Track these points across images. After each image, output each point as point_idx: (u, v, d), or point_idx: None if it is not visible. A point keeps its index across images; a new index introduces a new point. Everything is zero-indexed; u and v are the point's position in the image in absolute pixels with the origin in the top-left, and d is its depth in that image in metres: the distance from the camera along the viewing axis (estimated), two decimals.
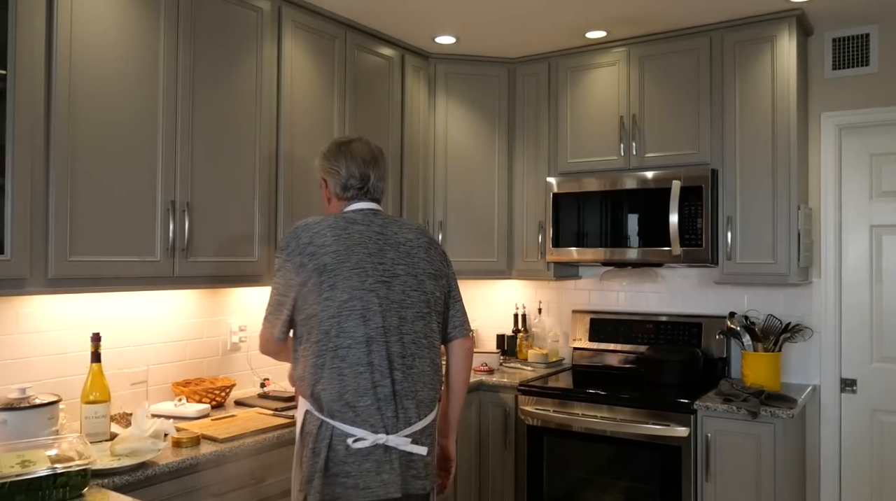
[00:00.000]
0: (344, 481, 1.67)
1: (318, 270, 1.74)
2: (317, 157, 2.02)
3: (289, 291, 1.78)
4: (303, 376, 1.77)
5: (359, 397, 1.70)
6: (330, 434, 1.68)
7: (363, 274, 1.76)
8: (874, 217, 3.04)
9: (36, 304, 2.21)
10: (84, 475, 1.62)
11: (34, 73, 1.92)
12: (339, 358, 1.71)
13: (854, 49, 3.06)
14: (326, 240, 1.79)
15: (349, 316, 1.73)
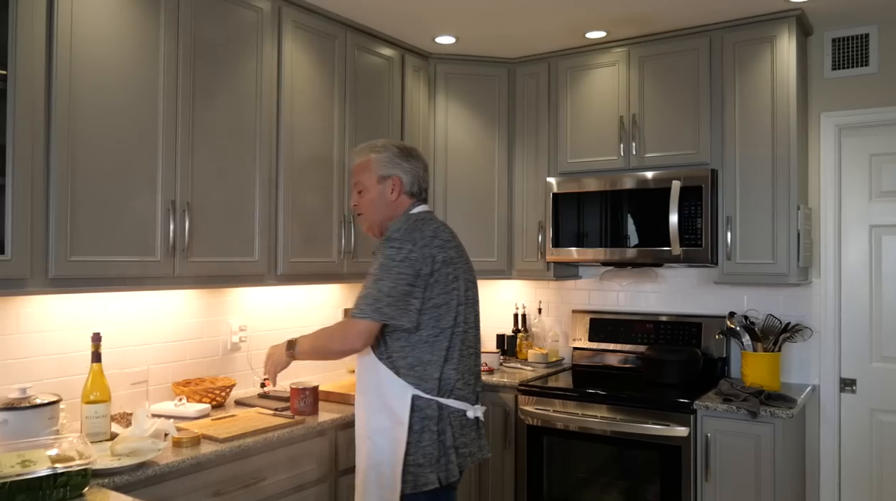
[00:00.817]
0: (463, 451, 1.96)
1: (445, 262, 1.94)
2: (381, 152, 2.06)
3: (417, 281, 1.90)
4: (424, 361, 1.92)
5: (470, 376, 2.02)
6: (448, 413, 1.92)
7: (466, 267, 2.05)
8: (874, 217, 3.05)
9: (36, 304, 2.21)
10: (84, 474, 1.63)
11: (34, 72, 1.92)
12: (462, 342, 1.98)
13: (854, 49, 3.06)
14: (447, 234, 2.01)
15: (467, 305, 2.01)
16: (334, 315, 3.31)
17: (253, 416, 2.40)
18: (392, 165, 2.06)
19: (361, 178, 2.08)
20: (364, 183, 2.07)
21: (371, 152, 2.08)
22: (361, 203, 2.09)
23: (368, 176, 2.07)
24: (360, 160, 2.10)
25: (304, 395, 2.46)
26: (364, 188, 2.07)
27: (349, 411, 2.54)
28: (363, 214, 2.10)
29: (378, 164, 2.06)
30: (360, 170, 2.10)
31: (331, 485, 2.44)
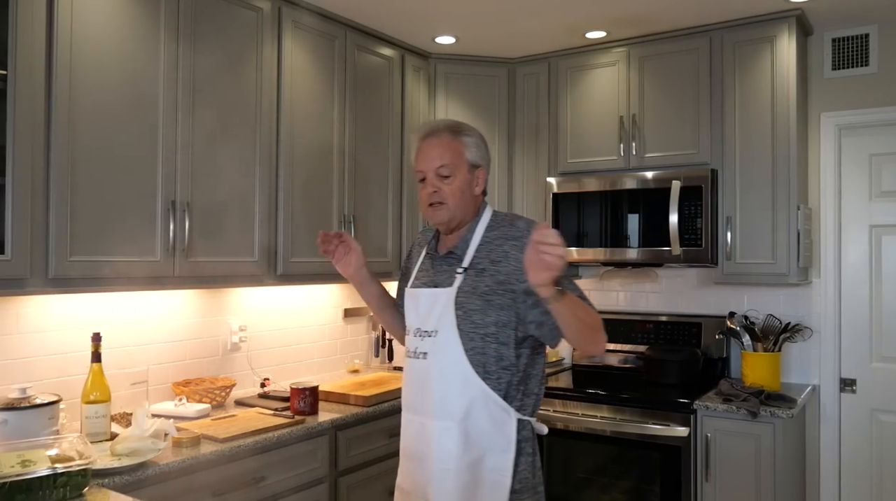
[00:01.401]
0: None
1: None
2: (471, 135, 1.79)
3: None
4: (541, 382, 1.76)
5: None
6: (536, 431, 1.77)
7: None
8: (874, 217, 3.05)
9: (36, 304, 2.21)
10: (84, 474, 1.63)
11: (34, 72, 1.92)
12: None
13: (854, 49, 3.06)
14: None
15: None
16: (334, 315, 3.31)
17: (253, 416, 2.40)
18: (482, 154, 1.80)
19: (452, 162, 1.73)
20: (454, 167, 1.73)
21: (461, 134, 1.76)
22: (447, 190, 1.72)
23: (460, 160, 1.74)
24: (446, 139, 1.74)
25: (303, 395, 2.46)
26: (453, 174, 1.72)
27: (349, 411, 2.54)
28: (446, 203, 1.72)
29: (470, 149, 1.76)
30: (447, 151, 1.73)
31: (330, 485, 2.44)
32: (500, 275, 1.66)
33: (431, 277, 1.78)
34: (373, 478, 2.60)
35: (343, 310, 3.34)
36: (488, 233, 1.73)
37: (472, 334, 1.66)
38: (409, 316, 1.79)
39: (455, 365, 1.65)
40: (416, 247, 1.97)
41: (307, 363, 3.16)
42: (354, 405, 2.62)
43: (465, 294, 1.67)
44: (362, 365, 3.39)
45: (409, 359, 1.77)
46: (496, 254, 1.69)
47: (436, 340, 1.69)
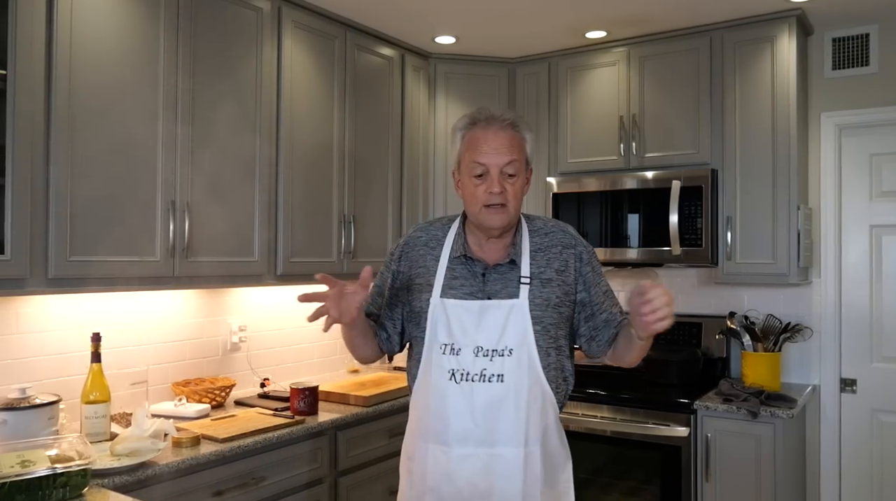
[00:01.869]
0: None
1: None
2: (532, 131, 1.64)
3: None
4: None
5: None
6: None
7: None
8: (874, 217, 3.04)
9: (36, 304, 2.21)
10: (84, 475, 1.63)
11: (34, 72, 1.92)
12: None
13: (854, 49, 3.06)
14: None
15: None
16: None
17: (253, 416, 2.40)
18: (534, 151, 1.64)
19: (518, 159, 1.55)
20: (519, 165, 1.56)
21: (522, 127, 1.59)
22: (511, 191, 1.54)
23: (523, 158, 1.58)
24: (510, 131, 1.56)
25: (303, 395, 2.46)
26: (518, 173, 1.55)
27: (349, 411, 2.54)
28: (508, 205, 1.54)
29: (530, 146, 1.61)
30: (514, 146, 1.55)
31: (330, 485, 2.44)
32: (566, 286, 1.60)
33: (479, 287, 1.57)
34: (373, 478, 2.60)
35: None
36: (534, 238, 1.63)
37: (549, 349, 1.57)
38: (446, 333, 1.55)
39: (535, 385, 1.54)
40: (419, 247, 1.67)
41: (307, 363, 3.16)
42: (354, 405, 2.62)
43: (538, 306, 1.55)
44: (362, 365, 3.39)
45: (468, 384, 1.52)
46: (559, 264, 1.60)
47: (513, 360, 1.52)
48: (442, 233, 1.67)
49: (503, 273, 1.58)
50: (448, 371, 1.55)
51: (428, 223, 1.74)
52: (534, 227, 1.66)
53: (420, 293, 1.62)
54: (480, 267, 1.59)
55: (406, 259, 1.68)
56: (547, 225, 1.68)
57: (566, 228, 1.69)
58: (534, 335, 1.54)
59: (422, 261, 1.65)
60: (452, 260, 1.61)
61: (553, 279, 1.58)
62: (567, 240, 1.65)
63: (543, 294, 1.56)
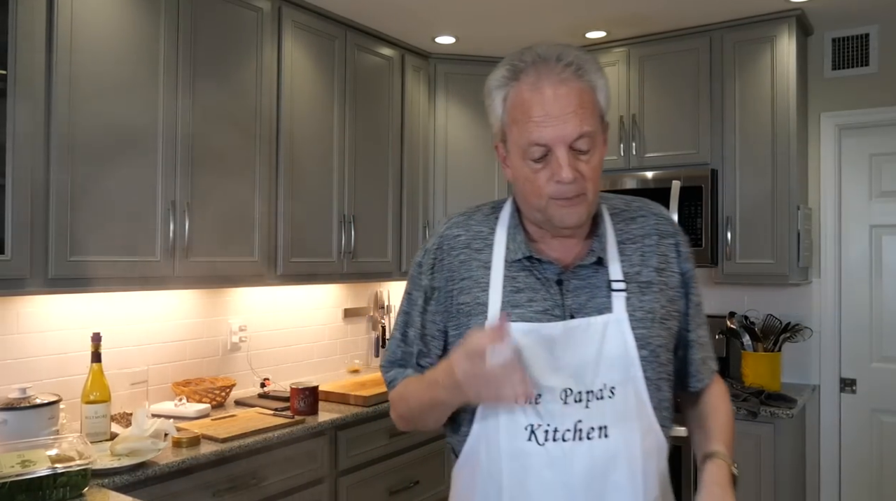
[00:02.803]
0: None
1: None
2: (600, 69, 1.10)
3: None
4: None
5: None
6: None
7: None
8: (874, 217, 3.04)
9: (36, 304, 2.21)
10: (84, 474, 1.63)
11: (34, 72, 1.92)
12: None
13: (854, 49, 3.06)
14: None
15: None
16: (334, 315, 3.30)
17: (253, 416, 2.40)
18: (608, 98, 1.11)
19: (593, 125, 1.05)
20: (595, 133, 1.06)
21: (595, 71, 1.07)
22: (588, 173, 1.05)
23: (597, 119, 1.07)
24: (576, 85, 1.04)
25: (303, 395, 2.46)
26: (594, 144, 1.06)
27: (349, 411, 2.54)
28: (586, 194, 1.06)
29: (606, 94, 1.10)
30: (585, 105, 1.04)
31: (331, 485, 2.44)
32: (670, 291, 1.15)
33: (555, 300, 1.10)
34: (373, 478, 2.60)
35: (343, 310, 3.34)
36: (618, 224, 1.17)
37: (660, 382, 1.12)
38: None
39: (649, 435, 1.09)
40: (458, 250, 1.18)
41: (307, 363, 3.16)
42: (354, 405, 2.62)
43: (641, 322, 1.09)
44: (362, 365, 3.39)
45: (557, 446, 1.05)
46: (657, 260, 1.15)
47: (618, 403, 1.06)
48: (488, 228, 1.18)
49: (586, 277, 1.11)
50: (525, 427, 1.06)
51: (465, 215, 1.23)
52: (614, 209, 1.18)
53: (467, 317, 1.13)
54: (553, 270, 1.11)
55: (442, 269, 1.18)
56: (630, 205, 1.20)
57: (659, 210, 1.21)
58: (640, 363, 1.08)
59: (466, 270, 1.16)
60: (511, 266, 1.13)
61: (653, 282, 1.13)
62: (664, 226, 1.18)
63: (645, 304, 1.11)
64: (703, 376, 1.21)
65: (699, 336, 1.20)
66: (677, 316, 1.16)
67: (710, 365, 1.22)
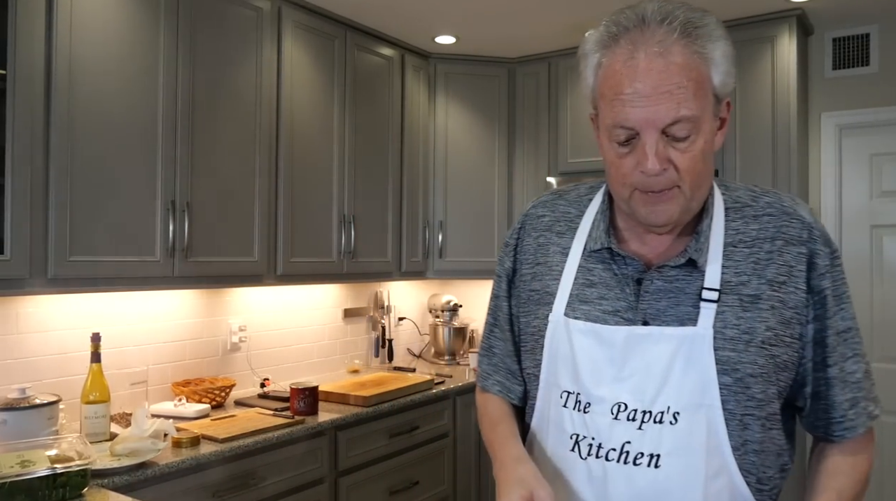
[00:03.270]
0: None
1: None
2: (726, 33, 0.92)
3: None
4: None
5: None
6: None
7: None
8: (874, 217, 3.04)
9: (36, 304, 2.21)
10: (84, 475, 1.62)
11: (34, 73, 1.92)
12: None
13: (854, 49, 3.06)
14: None
15: None
16: (334, 315, 3.30)
17: (252, 416, 2.39)
18: (732, 66, 0.92)
19: (697, 105, 0.88)
20: (699, 115, 0.88)
21: (710, 36, 0.89)
22: (684, 163, 0.89)
23: (706, 96, 0.89)
24: (684, 55, 0.87)
25: (303, 395, 2.46)
26: (696, 129, 0.89)
27: (349, 411, 2.54)
28: (682, 187, 0.91)
29: (719, 67, 0.90)
30: (688, 82, 0.87)
31: (331, 486, 2.44)
32: (786, 309, 0.94)
33: (629, 302, 0.98)
34: (373, 478, 2.60)
35: (343, 310, 3.34)
36: (734, 221, 0.98)
37: (749, 420, 0.94)
38: (569, 374, 0.99)
39: (719, 478, 0.93)
40: (539, 232, 1.10)
41: (307, 363, 3.16)
42: (354, 405, 2.62)
43: (731, 342, 0.93)
44: (362, 365, 3.39)
45: (598, 463, 0.95)
46: (776, 270, 0.95)
47: (680, 432, 0.92)
48: (577, 211, 1.07)
49: (673, 279, 0.96)
50: (570, 436, 0.97)
51: (557, 193, 1.12)
52: (735, 202, 1.00)
53: (536, 305, 1.06)
54: (636, 267, 0.98)
55: (522, 250, 1.11)
56: (760, 200, 0.99)
57: (795, 208, 0.98)
58: (720, 391, 0.92)
59: (542, 255, 1.07)
60: (590, 256, 1.02)
61: (762, 297, 0.94)
62: (794, 230, 0.96)
63: (744, 321, 0.93)
64: (854, 423, 0.98)
65: (845, 372, 0.96)
66: (792, 343, 0.94)
67: (865, 409, 0.98)
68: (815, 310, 0.95)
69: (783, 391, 0.96)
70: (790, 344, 0.94)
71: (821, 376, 0.97)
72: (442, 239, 3.48)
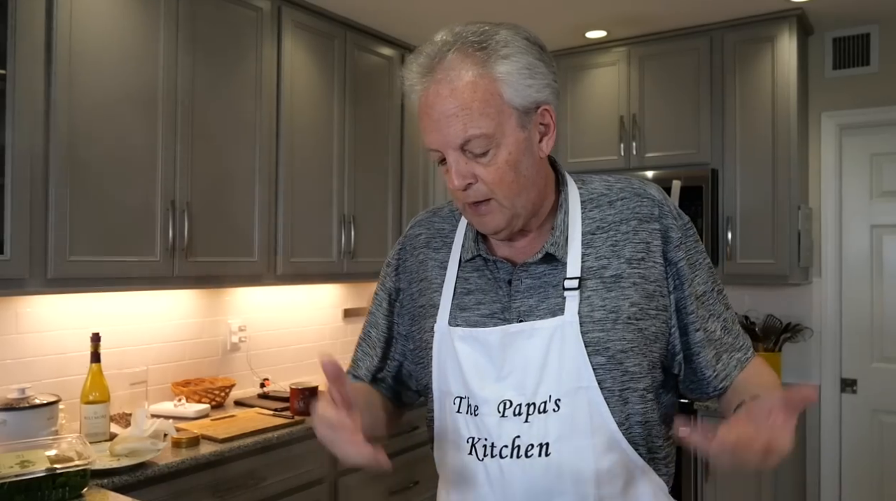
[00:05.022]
0: None
1: None
2: (522, 50, 0.98)
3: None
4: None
5: None
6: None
7: None
8: (874, 217, 3.04)
9: (36, 304, 2.21)
10: (83, 475, 1.62)
11: (34, 72, 1.92)
12: None
13: (854, 49, 3.06)
14: None
15: None
16: (334, 315, 3.30)
17: (252, 416, 2.39)
18: (540, 78, 0.98)
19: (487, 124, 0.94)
20: (492, 135, 0.94)
21: (490, 58, 0.96)
22: (489, 177, 0.97)
23: (500, 113, 0.95)
24: (464, 80, 0.94)
25: (303, 395, 2.46)
26: (492, 144, 0.95)
27: None
28: (495, 199, 0.98)
29: (512, 83, 0.95)
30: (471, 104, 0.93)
31: (330, 485, 2.44)
32: (648, 284, 1.00)
33: (504, 303, 1.01)
34: (373, 479, 2.60)
35: (343, 310, 3.34)
36: (590, 211, 1.04)
37: (628, 394, 0.98)
38: (458, 380, 1.01)
39: (609, 454, 0.96)
40: (418, 250, 1.16)
41: (307, 363, 3.16)
42: None
43: (599, 323, 0.97)
44: None
45: (494, 463, 0.97)
46: (633, 248, 1.00)
47: (563, 418, 0.95)
48: (450, 226, 1.13)
49: (540, 275, 1.00)
50: (466, 440, 1.00)
51: (431, 212, 1.21)
52: (590, 194, 1.05)
53: (423, 319, 1.09)
54: (506, 270, 1.03)
55: (405, 270, 1.16)
56: (613, 188, 1.06)
57: (644, 189, 1.06)
58: (595, 371, 0.95)
59: (423, 271, 1.12)
60: (465, 265, 1.06)
61: (624, 274, 0.99)
62: (646, 208, 1.03)
63: (609, 301, 0.98)
64: (725, 373, 1.03)
65: (709, 331, 1.02)
66: (658, 315, 0.99)
67: (733, 358, 1.04)
68: (674, 281, 1.02)
69: (656, 362, 1.01)
70: (656, 316, 1.00)
71: (686, 340, 1.03)
72: None
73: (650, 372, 1.00)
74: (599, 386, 0.95)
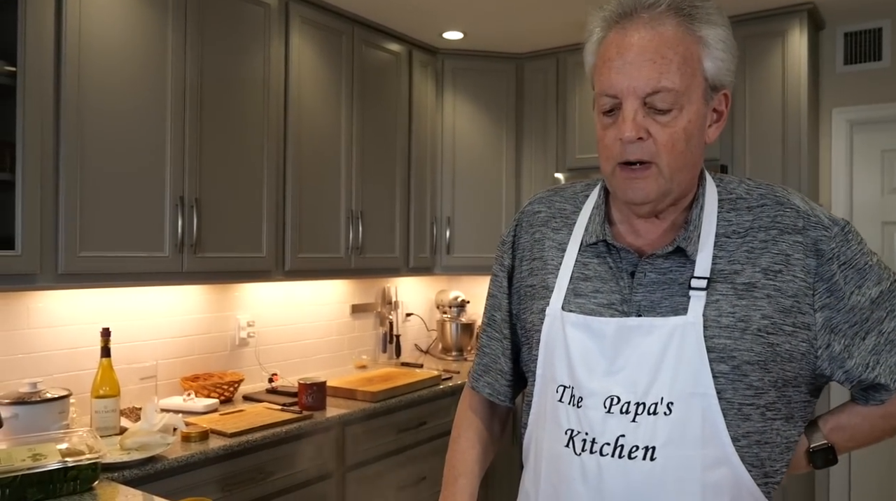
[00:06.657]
0: None
1: None
2: (726, 26, 0.95)
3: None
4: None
5: None
6: None
7: None
8: (886, 213, 3.02)
9: (46, 299, 2.23)
10: (94, 468, 1.64)
11: (43, 69, 1.93)
12: None
13: (866, 43, 3.03)
14: None
15: None
16: (342, 310, 3.31)
17: (261, 411, 2.41)
18: (731, 60, 0.96)
19: (680, 80, 0.91)
20: (682, 91, 0.91)
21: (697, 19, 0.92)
22: (662, 137, 0.92)
23: (694, 74, 0.92)
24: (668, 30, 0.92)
25: (311, 390, 2.47)
26: (677, 103, 0.91)
27: (356, 406, 2.54)
28: (656, 164, 0.93)
29: (713, 51, 0.94)
30: (671, 55, 0.91)
31: (338, 480, 2.45)
32: (784, 298, 0.92)
33: (624, 294, 0.97)
34: (380, 474, 2.61)
35: (350, 306, 3.35)
36: (727, 212, 0.98)
37: (748, 408, 0.92)
38: (564, 368, 0.98)
39: (718, 468, 0.90)
40: (535, 228, 1.10)
41: (315, 358, 3.17)
42: (362, 400, 2.63)
43: (725, 330, 0.91)
44: (370, 360, 3.40)
45: (592, 459, 0.93)
46: (770, 259, 0.94)
47: (674, 423, 0.90)
48: (572, 207, 1.08)
49: (666, 271, 0.96)
50: (565, 431, 0.96)
51: (554, 190, 1.13)
52: (730, 194, 1.00)
53: (532, 300, 1.06)
54: (630, 259, 0.98)
55: (519, 247, 1.12)
56: (753, 193, 0.99)
57: (788, 198, 0.97)
58: (713, 380, 0.90)
59: (538, 250, 1.08)
60: (585, 250, 1.02)
61: (759, 284, 0.93)
62: (788, 219, 0.95)
63: (739, 309, 0.92)
64: (880, 367, 0.95)
65: (883, 334, 0.94)
66: (795, 333, 0.92)
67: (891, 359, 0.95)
68: (824, 298, 0.93)
69: (788, 381, 0.93)
70: (792, 333, 0.92)
71: (846, 359, 0.94)
72: (449, 235, 3.48)
73: (772, 390, 0.92)
74: (719, 396, 0.89)
